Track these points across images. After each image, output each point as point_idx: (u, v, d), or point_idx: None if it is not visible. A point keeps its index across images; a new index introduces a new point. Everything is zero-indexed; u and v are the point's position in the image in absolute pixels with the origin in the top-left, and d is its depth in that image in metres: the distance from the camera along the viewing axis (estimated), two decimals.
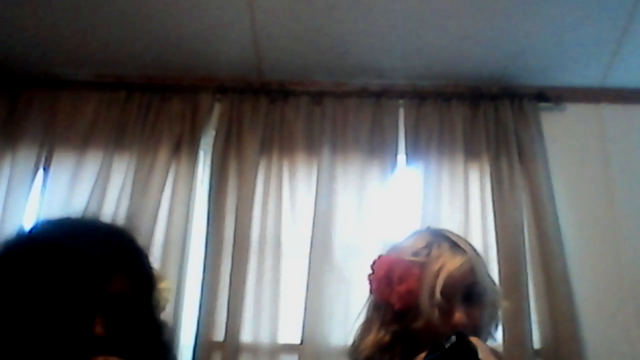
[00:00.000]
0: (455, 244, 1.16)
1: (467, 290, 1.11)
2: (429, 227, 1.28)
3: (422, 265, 1.12)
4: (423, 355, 0.95)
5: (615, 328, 2.16)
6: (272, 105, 2.44)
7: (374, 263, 1.18)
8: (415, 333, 1.10)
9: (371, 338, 1.14)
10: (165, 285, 1.10)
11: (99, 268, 0.88)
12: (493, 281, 1.22)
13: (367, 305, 1.22)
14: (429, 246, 1.15)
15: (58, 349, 0.83)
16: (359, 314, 1.22)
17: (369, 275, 1.18)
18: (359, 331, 1.19)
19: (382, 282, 1.14)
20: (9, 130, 2.41)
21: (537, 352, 2.12)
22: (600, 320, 2.16)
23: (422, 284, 1.09)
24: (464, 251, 1.15)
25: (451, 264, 1.11)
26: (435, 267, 1.10)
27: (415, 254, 1.14)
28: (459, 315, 1.08)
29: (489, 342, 1.14)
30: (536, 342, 2.12)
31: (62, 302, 0.84)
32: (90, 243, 0.91)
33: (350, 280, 2.16)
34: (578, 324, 2.12)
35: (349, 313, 2.11)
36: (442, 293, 1.08)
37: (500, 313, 1.19)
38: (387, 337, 1.13)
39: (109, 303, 0.87)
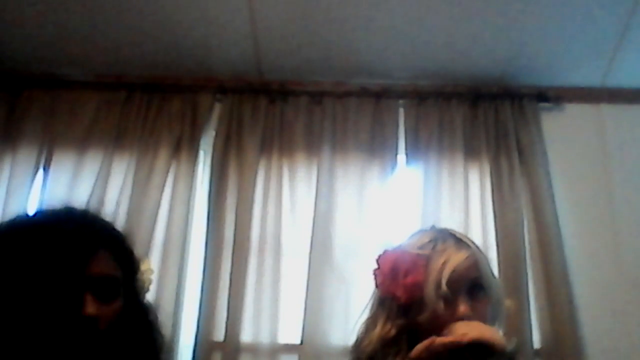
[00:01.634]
0: (459, 240, 1.18)
1: (471, 284, 1.12)
2: (433, 226, 1.29)
3: (428, 258, 1.13)
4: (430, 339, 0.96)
5: (615, 328, 2.16)
6: (272, 105, 2.44)
7: (379, 257, 1.19)
8: (420, 326, 1.11)
9: (376, 332, 1.14)
10: (147, 266, 1.11)
11: (81, 247, 0.89)
12: (496, 279, 1.22)
13: (371, 301, 1.22)
14: (434, 241, 1.17)
15: (49, 331, 0.83)
16: (362, 311, 1.23)
17: (374, 270, 1.19)
18: (363, 327, 1.20)
19: (387, 276, 1.14)
20: (9, 130, 2.40)
21: (537, 352, 2.12)
22: (600, 320, 2.16)
23: (427, 276, 1.11)
24: (468, 246, 1.16)
25: (456, 257, 1.12)
26: (441, 260, 1.12)
27: (421, 247, 1.16)
28: (463, 308, 1.09)
29: None
30: (536, 342, 2.12)
31: (48, 283, 0.85)
32: (70, 224, 0.93)
33: (350, 280, 2.16)
34: (578, 323, 2.12)
35: (349, 313, 2.12)
36: (447, 286, 1.09)
37: (503, 311, 1.19)
38: (393, 331, 1.13)
39: (96, 283, 0.87)
